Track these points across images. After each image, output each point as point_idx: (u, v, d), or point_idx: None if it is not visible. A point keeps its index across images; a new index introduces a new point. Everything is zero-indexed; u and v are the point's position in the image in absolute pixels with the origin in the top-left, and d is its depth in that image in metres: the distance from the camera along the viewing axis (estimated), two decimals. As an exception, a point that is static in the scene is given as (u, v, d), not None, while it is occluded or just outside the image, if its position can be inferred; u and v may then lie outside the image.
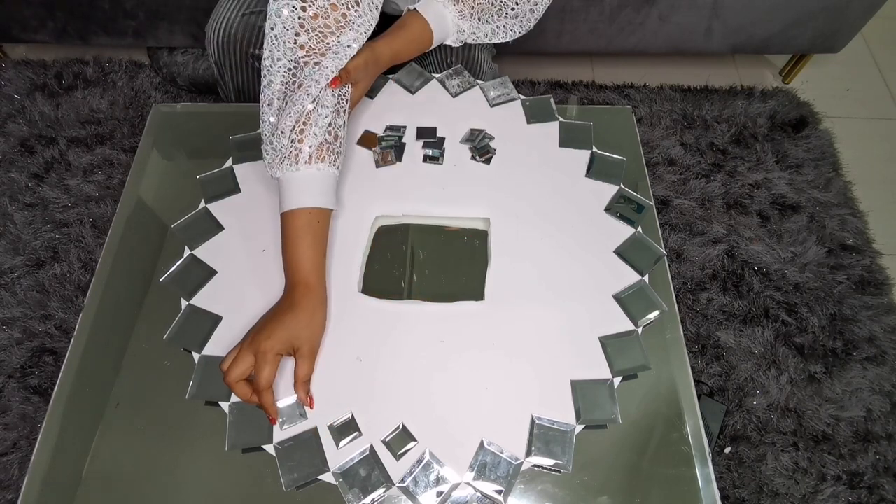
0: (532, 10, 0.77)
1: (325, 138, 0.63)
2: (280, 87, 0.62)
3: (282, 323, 0.58)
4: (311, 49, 0.62)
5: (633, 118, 0.84)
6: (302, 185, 0.62)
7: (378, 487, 0.55)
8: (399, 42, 0.72)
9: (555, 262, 0.68)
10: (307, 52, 0.62)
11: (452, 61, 0.85)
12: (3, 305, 1.05)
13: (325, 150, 0.63)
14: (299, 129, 0.62)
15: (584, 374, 0.61)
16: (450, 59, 0.85)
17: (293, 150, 0.62)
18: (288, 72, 0.62)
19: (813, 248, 1.17)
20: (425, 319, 0.65)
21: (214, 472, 0.57)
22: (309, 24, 0.61)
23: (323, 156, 0.63)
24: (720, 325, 1.09)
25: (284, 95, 0.62)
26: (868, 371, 1.05)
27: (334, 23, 0.63)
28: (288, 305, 0.60)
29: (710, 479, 0.57)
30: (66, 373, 0.62)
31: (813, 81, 1.47)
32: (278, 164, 0.62)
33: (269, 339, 0.56)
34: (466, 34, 0.77)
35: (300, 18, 0.61)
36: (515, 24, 0.78)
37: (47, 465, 0.57)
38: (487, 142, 0.77)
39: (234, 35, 0.84)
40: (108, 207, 1.18)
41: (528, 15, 0.77)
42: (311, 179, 0.63)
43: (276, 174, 0.63)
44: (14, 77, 1.36)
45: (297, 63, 0.62)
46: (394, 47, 0.72)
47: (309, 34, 0.61)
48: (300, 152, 0.62)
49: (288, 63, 0.62)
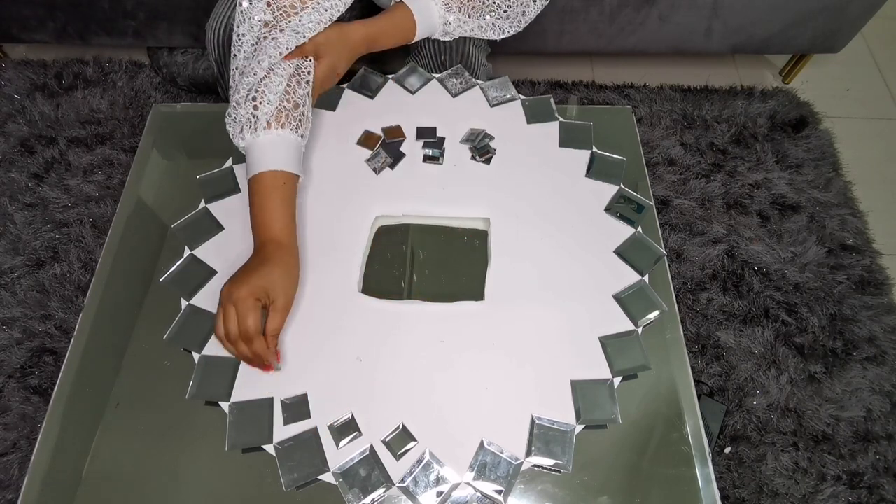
0: (524, 13, 0.77)
1: (283, 105, 0.64)
2: (242, 63, 0.64)
3: (256, 273, 0.58)
4: (273, 27, 0.63)
5: (633, 118, 0.84)
6: (266, 149, 0.63)
7: (378, 487, 0.55)
8: (376, 26, 0.72)
9: (555, 262, 0.68)
10: (269, 30, 0.63)
11: (446, 59, 0.84)
12: (3, 305, 1.05)
13: (285, 116, 0.64)
14: (252, 96, 0.63)
15: (584, 374, 0.61)
16: (444, 57, 0.84)
17: (251, 118, 0.63)
18: (251, 48, 0.64)
19: (813, 248, 1.17)
20: (425, 319, 0.65)
21: (214, 472, 0.57)
22: (275, 3, 0.63)
23: (283, 122, 0.64)
24: (720, 325, 1.09)
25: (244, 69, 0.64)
26: (868, 371, 1.05)
27: (300, 3, 0.64)
28: (259, 261, 0.60)
29: (710, 479, 0.57)
30: (66, 373, 0.62)
31: (813, 81, 1.47)
32: (239, 133, 0.64)
33: (244, 285, 0.56)
34: (452, 26, 0.77)
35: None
36: (505, 24, 0.78)
37: (47, 465, 0.57)
38: (487, 142, 0.77)
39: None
40: (108, 207, 1.18)
41: (520, 17, 0.77)
42: (272, 144, 0.64)
43: (239, 143, 0.65)
44: (14, 77, 1.36)
45: (257, 39, 0.63)
46: (369, 30, 0.72)
47: (274, 13, 0.63)
48: (257, 119, 0.63)
49: (251, 39, 0.63)
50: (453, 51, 0.84)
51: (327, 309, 0.65)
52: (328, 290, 0.66)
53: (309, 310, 0.64)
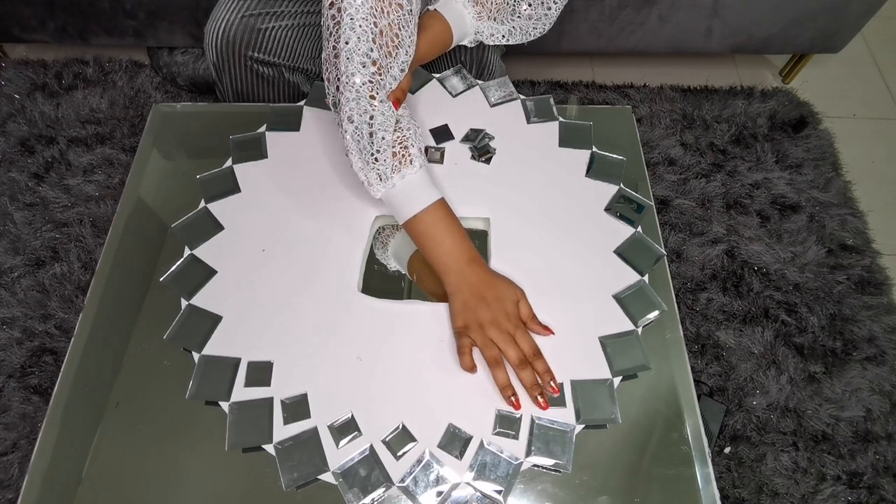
0: (546, 14, 0.77)
1: (395, 148, 0.64)
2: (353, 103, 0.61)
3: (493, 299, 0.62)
4: (380, 66, 0.61)
5: (633, 118, 0.84)
6: (405, 193, 0.64)
7: (378, 487, 0.55)
8: (423, 45, 0.71)
9: (554, 261, 0.68)
10: (378, 69, 0.61)
11: (465, 59, 0.85)
12: (3, 305, 1.05)
13: (401, 156, 0.64)
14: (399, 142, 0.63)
15: (584, 374, 0.61)
16: (463, 58, 0.85)
17: (378, 173, 0.63)
18: (362, 86, 0.60)
19: (813, 248, 1.17)
20: (425, 319, 0.65)
21: (214, 472, 0.57)
22: (379, 40, 0.60)
23: (404, 163, 0.64)
24: (720, 325, 1.09)
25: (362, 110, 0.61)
26: (868, 371, 1.05)
27: (397, 39, 0.62)
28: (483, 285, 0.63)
29: (709, 478, 0.57)
30: (66, 373, 0.62)
31: (813, 81, 1.47)
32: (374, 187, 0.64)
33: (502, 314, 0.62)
34: (484, 35, 0.77)
35: (373, 34, 0.59)
36: (530, 26, 0.78)
37: (47, 465, 0.57)
38: (487, 142, 0.77)
39: (233, 37, 0.84)
40: (108, 207, 1.18)
41: (543, 19, 0.77)
42: (407, 187, 0.64)
43: (376, 195, 0.65)
44: (14, 77, 1.36)
45: (370, 79, 0.60)
46: (419, 52, 0.71)
47: (379, 50, 0.61)
48: (383, 170, 0.63)
49: (362, 78, 0.60)
50: (471, 52, 0.84)
51: (327, 309, 0.65)
52: (328, 290, 0.66)
53: (309, 310, 0.64)
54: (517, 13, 0.76)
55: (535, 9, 0.75)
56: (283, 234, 0.69)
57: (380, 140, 0.61)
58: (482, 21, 0.76)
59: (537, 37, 0.79)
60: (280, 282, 0.66)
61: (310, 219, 0.71)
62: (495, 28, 0.77)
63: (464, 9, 0.74)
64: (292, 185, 0.73)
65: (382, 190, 0.64)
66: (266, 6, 0.85)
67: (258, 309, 0.64)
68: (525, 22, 0.77)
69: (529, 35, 0.79)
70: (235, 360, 0.61)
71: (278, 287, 0.66)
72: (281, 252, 0.68)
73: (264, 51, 0.86)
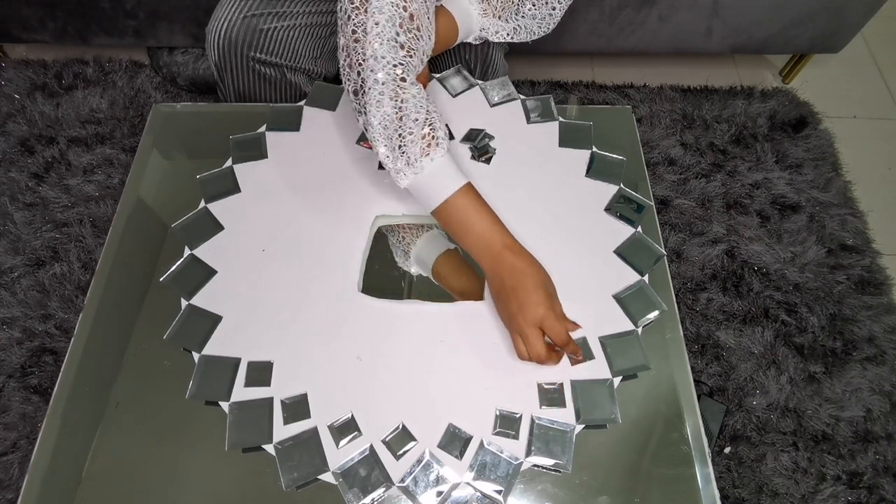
0: (550, 14, 0.77)
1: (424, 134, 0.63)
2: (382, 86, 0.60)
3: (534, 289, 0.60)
4: (409, 49, 0.60)
5: (633, 118, 0.84)
6: (432, 180, 0.62)
7: (378, 487, 0.55)
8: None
9: (555, 261, 0.68)
10: (407, 52, 0.60)
11: (470, 58, 0.85)
12: (3, 305, 1.05)
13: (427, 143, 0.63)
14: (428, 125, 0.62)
15: (584, 373, 0.61)
16: (468, 56, 0.85)
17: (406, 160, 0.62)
18: (393, 68, 0.60)
19: (813, 248, 1.17)
20: (425, 319, 0.65)
21: (214, 472, 0.57)
22: (406, 25, 0.60)
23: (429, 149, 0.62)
24: (720, 325, 1.09)
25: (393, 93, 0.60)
26: (868, 371, 1.05)
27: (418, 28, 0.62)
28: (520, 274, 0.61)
29: (709, 478, 0.57)
30: (66, 373, 0.62)
31: (813, 81, 1.47)
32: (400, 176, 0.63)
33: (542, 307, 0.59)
34: (489, 32, 0.77)
35: (401, 18, 0.59)
36: (534, 25, 0.78)
37: (47, 465, 0.57)
38: (487, 142, 0.77)
39: (235, 37, 0.84)
40: (108, 207, 1.18)
41: (548, 19, 0.77)
42: (433, 175, 0.62)
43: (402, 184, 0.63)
44: (14, 77, 1.36)
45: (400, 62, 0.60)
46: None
47: (407, 34, 0.60)
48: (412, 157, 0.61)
49: (392, 60, 0.60)
50: (476, 49, 0.84)
51: (327, 309, 0.65)
52: (328, 290, 0.66)
53: (309, 310, 0.64)
54: (521, 13, 0.76)
55: (538, 9, 0.76)
56: (283, 234, 0.69)
57: (411, 122, 0.60)
58: (487, 18, 0.76)
59: (542, 35, 0.80)
60: (280, 282, 0.66)
61: (310, 219, 0.71)
62: (500, 25, 0.77)
63: (470, 5, 0.74)
64: (292, 186, 0.73)
65: (411, 176, 0.62)
66: (268, 6, 0.85)
67: (258, 309, 0.64)
68: (529, 21, 0.77)
69: (534, 34, 0.79)
70: (235, 360, 0.61)
71: (278, 287, 0.66)
72: (281, 252, 0.68)
73: (266, 51, 0.86)
